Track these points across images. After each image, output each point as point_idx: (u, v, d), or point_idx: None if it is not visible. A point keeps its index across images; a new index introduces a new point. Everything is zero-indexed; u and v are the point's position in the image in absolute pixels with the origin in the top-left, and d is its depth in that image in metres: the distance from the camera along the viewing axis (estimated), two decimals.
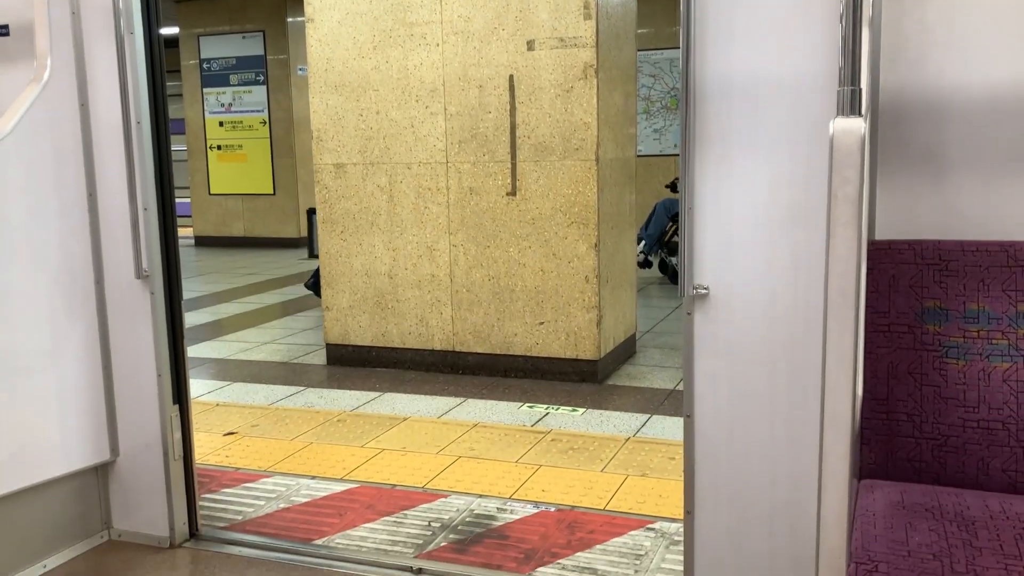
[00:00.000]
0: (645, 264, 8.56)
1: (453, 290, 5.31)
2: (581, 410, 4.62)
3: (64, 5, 2.86)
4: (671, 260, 8.59)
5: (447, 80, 5.14)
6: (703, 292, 2.27)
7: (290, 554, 3.02)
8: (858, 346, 1.70)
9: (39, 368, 2.88)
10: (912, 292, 1.94)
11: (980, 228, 2.04)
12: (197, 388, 5.05)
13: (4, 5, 2.95)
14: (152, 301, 2.97)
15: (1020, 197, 2.02)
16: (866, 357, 1.95)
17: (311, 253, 11.15)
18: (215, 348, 6.35)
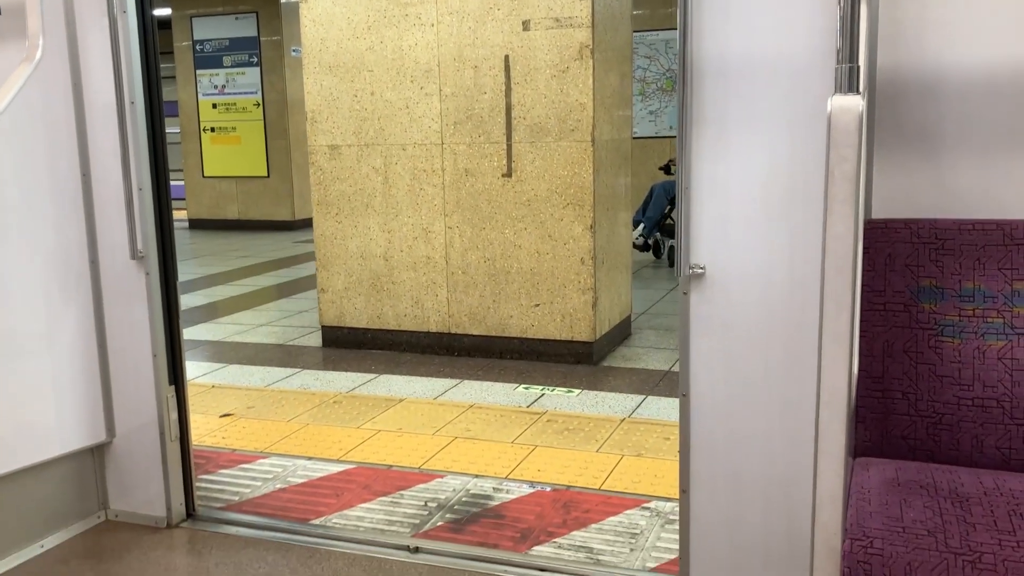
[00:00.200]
0: (645, 247, 8.53)
1: (448, 272, 5.31)
2: (576, 391, 4.63)
3: None
4: (666, 241, 8.56)
5: (442, 61, 5.11)
6: (699, 272, 2.27)
7: (287, 533, 3.03)
8: (854, 325, 1.71)
9: (35, 350, 2.87)
10: (908, 271, 1.95)
11: (976, 207, 2.04)
12: (193, 370, 5.05)
13: None
14: (147, 281, 2.97)
15: (1016, 176, 2.03)
16: (862, 336, 1.95)
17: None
18: (210, 330, 6.34)
